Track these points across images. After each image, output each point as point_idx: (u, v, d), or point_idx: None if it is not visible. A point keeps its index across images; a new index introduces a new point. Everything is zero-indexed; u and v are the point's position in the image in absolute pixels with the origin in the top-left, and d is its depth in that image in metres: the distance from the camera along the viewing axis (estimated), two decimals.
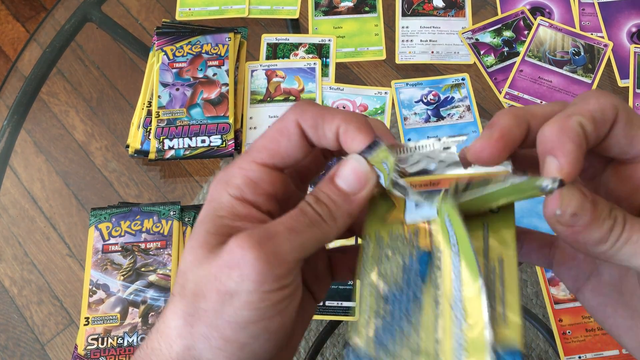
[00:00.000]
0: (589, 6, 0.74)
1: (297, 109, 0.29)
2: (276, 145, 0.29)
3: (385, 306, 0.27)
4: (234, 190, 0.28)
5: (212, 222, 0.27)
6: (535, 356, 0.58)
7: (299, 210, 0.27)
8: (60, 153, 0.71)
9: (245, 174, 0.28)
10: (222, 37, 0.71)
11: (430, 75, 0.71)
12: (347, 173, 0.28)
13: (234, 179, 0.28)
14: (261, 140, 0.29)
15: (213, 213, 0.27)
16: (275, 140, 0.29)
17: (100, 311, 0.59)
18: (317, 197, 0.28)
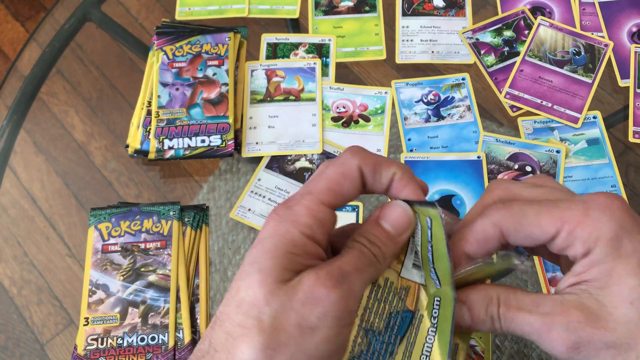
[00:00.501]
0: (589, 6, 0.74)
1: (357, 154, 0.32)
2: (340, 187, 0.31)
3: (365, 338, 0.30)
4: (306, 229, 0.29)
5: (286, 257, 0.28)
6: (535, 356, 0.58)
7: (358, 252, 0.30)
8: (59, 153, 0.71)
9: (315, 215, 0.30)
10: (222, 37, 0.71)
11: (430, 75, 0.71)
12: (394, 217, 0.31)
13: (304, 218, 0.29)
14: (324, 182, 0.31)
15: (286, 249, 0.29)
16: (339, 183, 0.31)
17: (100, 311, 0.59)
18: (369, 239, 0.31)
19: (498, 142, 0.66)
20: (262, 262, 0.28)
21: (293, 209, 0.30)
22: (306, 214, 0.29)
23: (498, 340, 0.59)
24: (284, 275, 0.28)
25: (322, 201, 0.30)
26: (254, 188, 0.65)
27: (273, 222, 0.30)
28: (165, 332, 0.58)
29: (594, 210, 0.29)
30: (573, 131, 0.67)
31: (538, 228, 0.30)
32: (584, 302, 0.29)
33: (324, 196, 0.30)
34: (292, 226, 0.29)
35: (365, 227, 0.31)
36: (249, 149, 0.67)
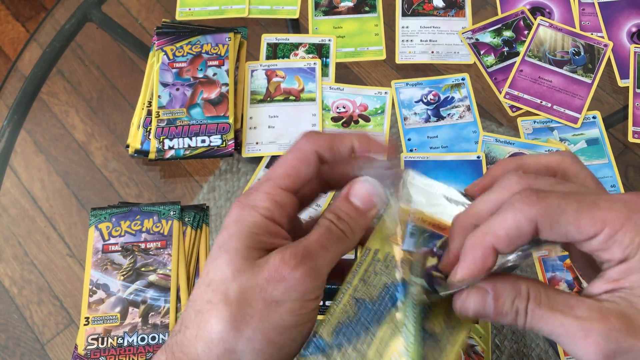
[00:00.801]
0: (589, 6, 0.74)
1: (311, 137, 0.33)
2: (296, 171, 0.32)
3: (355, 308, 0.32)
4: (265, 212, 0.31)
5: (250, 238, 0.30)
6: (535, 356, 0.58)
7: (325, 229, 0.32)
8: (60, 153, 0.71)
9: (273, 199, 0.31)
10: (222, 37, 0.71)
11: (430, 75, 0.71)
12: (362, 192, 0.33)
13: (263, 203, 0.31)
14: (282, 168, 0.33)
15: (249, 230, 0.31)
16: (296, 168, 0.32)
17: (100, 311, 0.59)
18: (338, 215, 0.32)
19: (498, 142, 0.66)
20: (229, 244, 0.30)
21: (252, 195, 0.32)
22: (265, 199, 0.31)
23: (498, 340, 0.59)
24: (250, 253, 0.30)
25: (279, 186, 0.32)
26: None
27: (235, 209, 0.31)
28: (166, 331, 0.58)
29: (637, 213, 0.28)
30: (572, 131, 0.67)
31: (576, 228, 0.28)
32: (624, 311, 0.28)
33: (281, 181, 0.32)
34: (253, 210, 0.31)
35: (335, 203, 0.33)
36: (249, 149, 0.67)
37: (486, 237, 0.29)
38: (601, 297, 0.29)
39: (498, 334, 0.59)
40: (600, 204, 0.28)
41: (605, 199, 0.28)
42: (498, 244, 0.29)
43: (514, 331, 0.59)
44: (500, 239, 0.28)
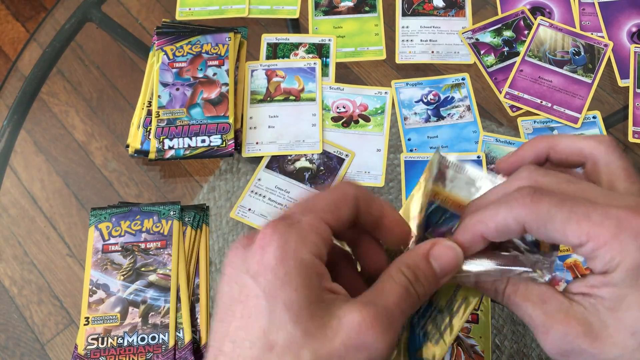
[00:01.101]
0: (589, 6, 0.74)
1: (351, 184, 0.31)
2: (338, 210, 0.29)
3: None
4: (314, 248, 0.27)
5: (310, 287, 0.26)
6: (535, 356, 0.58)
7: (405, 290, 0.28)
8: (60, 153, 0.71)
9: (319, 232, 0.28)
10: (222, 37, 0.71)
11: (430, 75, 0.71)
12: (446, 260, 0.30)
13: (311, 236, 0.27)
14: (324, 202, 0.29)
15: (305, 276, 0.26)
16: (339, 207, 0.29)
17: (100, 311, 0.59)
18: (417, 275, 0.29)
19: (498, 142, 0.66)
20: (285, 294, 0.25)
21: (296, 226, 0.27)
22: (311, 231, 0.27)
23: (498, 340, 0.59)
24: (315, 310, 0.26)
25: (324, 220, 0.28)
26: (254, 188, 0.65)
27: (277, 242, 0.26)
28: (166, 331, 0.58)
29: (625, 234, 0.28)
30: (573, 131, 0.67)
31: (562, 236, 0.29)
32: (589, 318, 0.29)
33: (325, 214, 0.28)
34: (302, 246, 0.26)
35: (413, 259, 0.30)
36: (249, 149, 0.67)
37: (477, 225, 0.30)
38: (575, 298, 0.30)
39: (498, 334, 0.59)
40: (592, 217, 0.28)
41: (601, 212, 0.28)
42: (487, 234, 0.30)
43: (513, 331, 0.59)
44: (489, 230, 0.30)
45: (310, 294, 0.26)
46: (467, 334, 0.57)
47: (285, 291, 0.25)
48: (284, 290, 0.25)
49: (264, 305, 0.25)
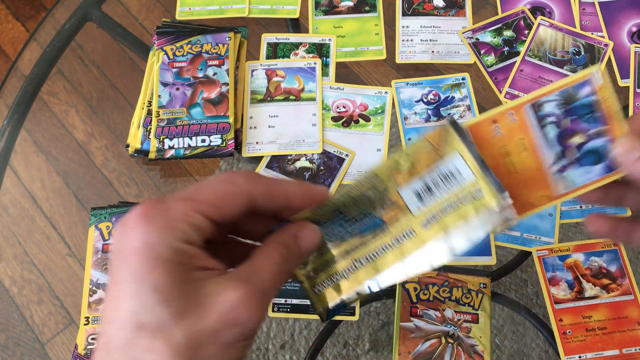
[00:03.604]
0: (589, 6, 0.74)
1: (250, 179, 0.30)
2: (224, 205, 0.29)
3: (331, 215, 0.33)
4: (182, 234, 0.27)
5: (176, 271, 0.26)
6: (535, 356, 0.58)
7: (278, 268, 0.29)
8: (60, 152, 0.71)
9: (190, 222, 0.28)
10: (222, 37, 0.71)
11: (430, 75, 0.71)
12: (311, 240, 0.32)
13: (178, 224, 0.27)
14: (209, 194, 0.29)
15: (173, 259, 0.26)
16: (224, 202, 0.29)
17: (101, 311, 0.59)
18: (289, 253, 0.31)
19: None
20: (151, 278, 0.26)
21: (166, 212, 0.27)
22: (181, 220, 0.27)
23: (498, 340, 0.59)
24: (183, 290, 0.26)
25: (199, 210, 0.28)
26: None
27: (141, 229, 0.27)
28: None
29: None
30: None
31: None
32: None
33: (203, 206, 0.28)
34: (168, 232, 0.27)
35: (284, 238, 0.31)
36: (249, 149, 0.67)
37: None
38: None
39: (498, 334, 0.59)
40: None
41: None
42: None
43: (514, 331, 0.59)
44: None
45: (178, 276, 0.26)
46: (467, 333, 0.58)
47: (153, 274, 0.26)
48: (152, 274, 0.26)
49: (132, 287, 0.26)
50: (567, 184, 0.34)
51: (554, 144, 0.34)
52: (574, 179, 0.34)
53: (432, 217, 0.32)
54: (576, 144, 0.33)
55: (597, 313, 0.58)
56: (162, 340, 0.25)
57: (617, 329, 0.57)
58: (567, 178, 0.34)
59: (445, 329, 0.58)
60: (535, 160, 0.34)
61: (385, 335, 0.59)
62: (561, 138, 0.34)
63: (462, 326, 0.58)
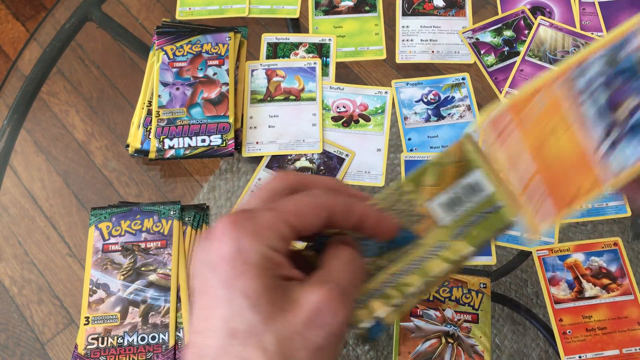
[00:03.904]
0: (589, 6, 0.74)
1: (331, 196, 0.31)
2: (305, 219, 0.29)
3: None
4: (269, 241, 0.27)
5: (265, 277, 0.27)
6: (535, 356, 0.58)
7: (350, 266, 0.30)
8: (60, 152, 0.71)
9: (276, 230, 0.28)
10: (223, 37, 0.71)
11: (430, 75, 0.71)
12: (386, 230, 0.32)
13: (266, 232, 0.28)
14: (292, 206, 0.30)
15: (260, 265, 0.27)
16: (306, 216, 0.30)
17: (101, 311, 0.59)
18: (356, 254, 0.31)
19: None
20: (241, 283, 0.26)
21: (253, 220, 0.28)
22: (268, 228, 0.28)
23: (498, 340, 0.59)
24: (273, 295, 0.26)
25: (287, 221, 0.28)
26: (255, 188, 0.65)
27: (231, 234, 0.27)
28: (166, 331, 0.58)
29: None
30: None
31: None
32: None
33: (288, 217, 0.29)
34: (257, 239, 0.27)
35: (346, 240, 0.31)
36: (249, 149, 0.67)
37: None
38: None
39: (498, 334, 0.59)
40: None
41: None
42: None
43: (514, 331, 0.59)
44: None
45: (267, 282, 0.26)
46: (467, 333, 0.58)
47: (242, 280, 0.26)
48: (241, 280, 0.26)
49: (222, 294, 0.26)
50: (619, 163, 0.28)
51: (603, 111, 0.28)
52: (626, 156, 0.28)
53: (461, 229, 0.32)
54: (629, 109, 0.28)
55: (597, 313, 0.58)
56: (254, 347, 0.25)
57: (617, 329, 0.57)
58: (619, 155, 0.28)
59: (446, 328, 0.58)
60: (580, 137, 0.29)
61: (385, 335, 0.59)
62: (612, 103, 0.28)
63: (462, 326, 0.58)
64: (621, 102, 0.28)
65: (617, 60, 0.28)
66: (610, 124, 0.28)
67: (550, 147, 0.29)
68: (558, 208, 0.29)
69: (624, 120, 0.28)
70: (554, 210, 0.29)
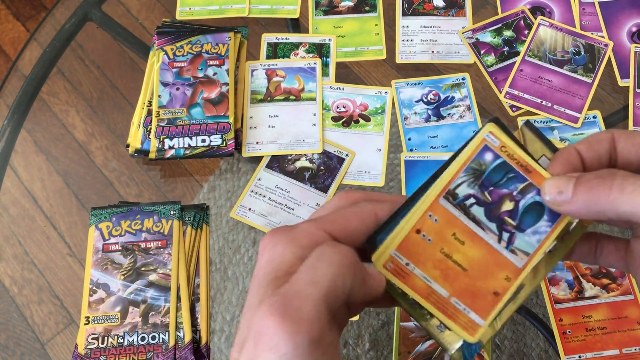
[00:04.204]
0: (589, 6, 0.74)
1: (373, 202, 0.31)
2: (347, 223, 0.30)
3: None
4: (298, 250, 0.28)
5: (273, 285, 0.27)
6: (535, 356, 0.58)
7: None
8: (60, 152, 0.71)
9: (312, 235, 0.29)
10: (223, 37, 0.71)
11: (430, 75, 0.71)
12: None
13: (300, 239, 0.28)
14: (333, 215, 0.30)
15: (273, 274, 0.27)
16: (347, 219, 0.30)
17: (101, 310, 0.59)
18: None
19: None
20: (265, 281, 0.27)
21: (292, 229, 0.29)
22: (303, 235, 0.29)
23: (498, 340, 0.59)
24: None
25: (324, 228, 0.29)
26: (255, 187, 0.65)
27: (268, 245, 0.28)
28: (166, 331, 0.58)
29: None
30: (573, 131, 0.67)
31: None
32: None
33: (328, 225, 0.29)
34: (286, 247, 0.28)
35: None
36: (249, 149, 0.67)
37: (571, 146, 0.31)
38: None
39: (498, 333, 0.59)
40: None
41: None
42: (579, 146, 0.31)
43: (514, 331, 0.59)
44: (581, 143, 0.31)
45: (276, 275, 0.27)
46: None
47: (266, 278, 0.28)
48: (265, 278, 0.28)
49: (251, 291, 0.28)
50: (524, 253, 0.31)
51: (487, 223, 0.31)
52: (527, 246, 0.31)
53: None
54: (508, 212, 0.31)
55: (597, 313, 0.58)
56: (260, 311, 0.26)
57: (617, 328, 0.57)
58: (520, 248, 0.31)
59: None
60: (479, 246, 0.31)
61: (385, 335, 0.59)
62: (491, 214, 0.31)
63: None
64: (498, 209, 0.32)
65: (482, 169, 0.32)
66: (498, 228, 0.32)
67: (457, 259, 0.31)
68: (484, 316, 0.31)
69: (508, 221, 0.32)
70: (480, 319, 0.31)
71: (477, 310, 0.31)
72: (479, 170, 0.32)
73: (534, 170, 0.32)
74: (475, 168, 0.32)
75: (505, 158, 0.32)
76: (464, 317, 0.31)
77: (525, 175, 0.32)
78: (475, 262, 0.31)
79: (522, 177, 0.32)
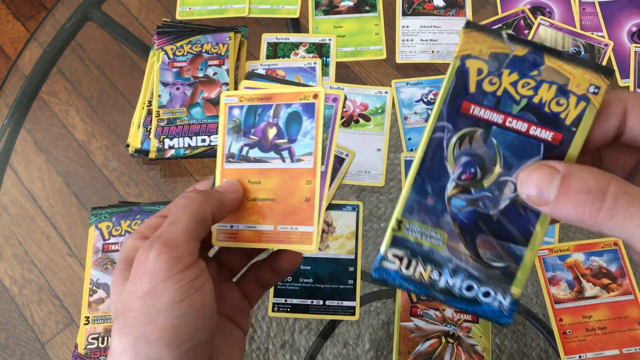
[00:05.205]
0: (589, 5, 0.74)
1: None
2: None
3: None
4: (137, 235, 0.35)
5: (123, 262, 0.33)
6: (535, 356, 0.58)
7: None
8: (60, 152, 0.71)
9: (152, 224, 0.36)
10: (223, 37, 0.71)
11: (430, 75, 0.71)
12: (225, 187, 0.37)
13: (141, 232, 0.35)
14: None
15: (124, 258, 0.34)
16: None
17: (101, 310, 0.59)
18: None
19: None
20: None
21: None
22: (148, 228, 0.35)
23: (498, 339, 0.59)
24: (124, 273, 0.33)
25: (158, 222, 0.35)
26: None
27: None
28: None
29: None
30: None
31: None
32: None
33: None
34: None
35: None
36: None
37: None
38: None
39: (498, 333, 0.59)
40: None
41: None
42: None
43: (514, 331, 0.59)
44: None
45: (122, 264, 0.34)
46: (467, 333, 0.58)
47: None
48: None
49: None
50: (308, 154, 0.36)
51: (266, 155, 0.37)
52: (306, 148, 0.37)
53: None
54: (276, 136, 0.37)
55: (597, 313, 0.58)
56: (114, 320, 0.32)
57: (617, 328, 0.57)
58: (302, 154, 0.37)
59: (446, 328, 0.58)
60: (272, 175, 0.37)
61: (385, 335, 0.59)
62: (264, 147, 0.37)
63: (462, 326, 0.58)
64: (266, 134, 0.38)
65: (238, 123, 0.38)
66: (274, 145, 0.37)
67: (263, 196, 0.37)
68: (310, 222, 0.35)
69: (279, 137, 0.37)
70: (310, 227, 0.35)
71: (302, 223, 0.35)
72: (237, 125, 0.37)
73: (274, 94, 0.36)
74: (233, 127, 0.37)
75: (247, 104, 0.37)
76: (295, 235, 0.35)
77: (268, 102, 0.37)
78: (277, 188, 0.36)
79: (268, 106, 0.37)
